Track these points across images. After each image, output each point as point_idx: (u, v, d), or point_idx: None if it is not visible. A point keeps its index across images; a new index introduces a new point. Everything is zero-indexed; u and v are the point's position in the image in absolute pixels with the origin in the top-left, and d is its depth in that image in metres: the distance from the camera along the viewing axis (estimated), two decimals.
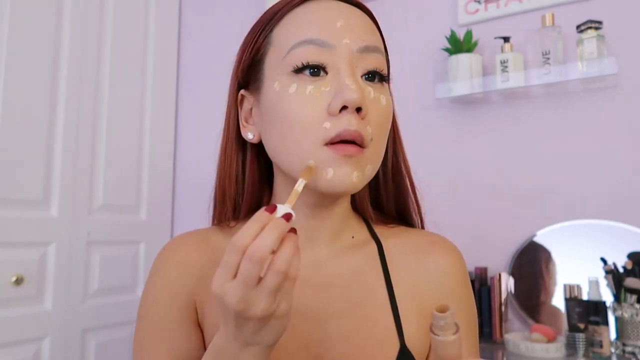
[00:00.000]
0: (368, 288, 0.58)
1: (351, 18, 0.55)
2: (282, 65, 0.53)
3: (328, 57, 0.52)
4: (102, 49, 1.82)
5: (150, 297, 0.60)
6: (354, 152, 0.51)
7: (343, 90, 0.50)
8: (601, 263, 1.32)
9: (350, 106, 0.50)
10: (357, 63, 0.53)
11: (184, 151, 2.12)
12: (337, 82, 0.52)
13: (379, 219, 0.65)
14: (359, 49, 0.53)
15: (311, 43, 0.52)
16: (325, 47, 0.52)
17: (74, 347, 1.64)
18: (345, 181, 0.51)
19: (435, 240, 0.62)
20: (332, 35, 0.53)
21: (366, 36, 0.55)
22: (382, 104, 0.55)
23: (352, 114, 0.51)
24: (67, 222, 1.66)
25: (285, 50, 0.53)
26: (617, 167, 1.39)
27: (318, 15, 0.54)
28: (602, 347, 1.23)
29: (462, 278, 0.61)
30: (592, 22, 1.34)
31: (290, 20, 0.55)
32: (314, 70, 0.52)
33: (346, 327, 0.55)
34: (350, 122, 0.50)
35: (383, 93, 0.56)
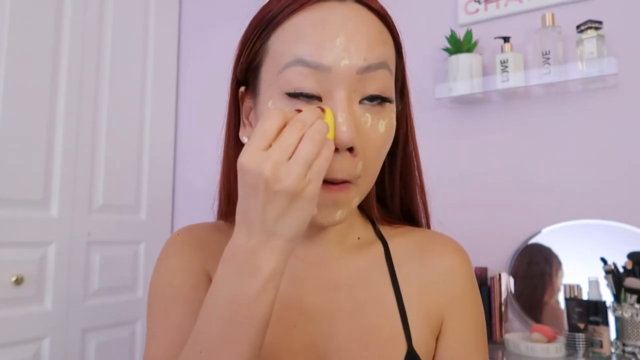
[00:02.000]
0: (374, 289, 0.58)
1: (355, 29, 0.50)
2: (276, 83, 0.50)
3: (323, 82, 0.49)
4: (102, 49, 1.82)
5: (163, 275, 0.59)
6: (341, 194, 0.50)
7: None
8: (601, 263, 1.32)
9: (340, 148, 0.48)
10: (355, 86, 0.49)
11: (184, 151, 2.12)
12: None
13: (384, 218, 0.64)
14: (359, 69, 0.49)
15: (305, 65, 0.48)
16: (320, 70, 0.48)
17: (74, 347, 1.64)
18: (329, 219, 0.51)
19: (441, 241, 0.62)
20: (328, 55, 0.48)
21: (370, 51, 0.50)
22: (379, 131, 0.51)
23: (342, 155, 0.49)
24: (67, 222, 1.66)
25: (280, 66, 0.50)
26: (617, 167, 1.39)
27: (316, 28, 0.49)
28: (602, 347, 1.23)
29: (469, 278, 0.60)
30: (592, 22, 1.34)
31: (287, 30, 0.51)
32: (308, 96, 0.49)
33: (353, 327, 0.55)
34: (340, 168, 0.49)
35: (383, 116, 0.52)
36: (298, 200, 0.42)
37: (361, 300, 0.57)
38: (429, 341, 0.57)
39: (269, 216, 0.42)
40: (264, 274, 0.43)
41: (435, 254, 0.60)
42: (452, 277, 0.59)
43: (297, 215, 0.43)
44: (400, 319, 0.56)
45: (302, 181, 0.41)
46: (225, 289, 0.44)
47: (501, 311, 1.39)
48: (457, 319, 0.58)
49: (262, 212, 0.42)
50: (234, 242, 0.44)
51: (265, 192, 0.41)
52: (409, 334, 0.55)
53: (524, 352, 1.26)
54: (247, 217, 0.43)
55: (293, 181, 0.41)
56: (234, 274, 0.44)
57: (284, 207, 0.42)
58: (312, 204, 0.43)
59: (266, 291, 0.43)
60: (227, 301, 0.44)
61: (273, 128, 0.42)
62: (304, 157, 0.41)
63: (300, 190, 0.41)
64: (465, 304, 0.59)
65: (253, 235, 0.43)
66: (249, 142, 0.42)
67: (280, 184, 0.41)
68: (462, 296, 0.59)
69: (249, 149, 0.42)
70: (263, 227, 0.43)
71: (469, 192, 1.57)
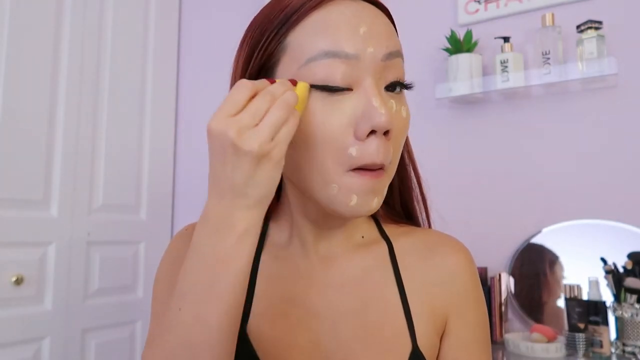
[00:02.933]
0: (379, 288, 0.58)
1: (373, 21, 0.51)
2: (299, 76, 0.50)
3: (352, 71, 0.49)
4: (102, 49, 1.82)
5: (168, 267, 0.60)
6: (377, 181, 0.51)
7: (372, 113, 0.48)
8: (601, 263, 1.32)
9: (379, 131, 0.49)
10: (380, 74, 0.51)
11: (184, 151, 2.12)
12: (364, 101, 0.49)
13: (388, 217, 0.65)
14: (383, 56, 0.50)
15: (334, 56, 0.49)
16: (349, 59, 0.49)
17: (74, 347, 1.64)
18: (366, 208, 0.51)
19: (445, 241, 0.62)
20: (355, 44, 0.49)
21: (389, 41, 0.52)
22: (403, 116, 0.53)
23: (380, 138, 0.49)
24: (67, 222, 1.66)
25: (303, 59, 0.50)
26: (617, 167, 1.39)
27: (339, 21, 0.50)
28: (602, 347, 1.23)
29: (472, 278, 0.60)
30: (592, 22, 1.34)
31: (308, 25, 0.50)
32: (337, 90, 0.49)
33: (357, 326, 0.55)
34: (378, 151, 0.49)
35: (403, 104, 0.54)
36: (265, 162, 0.44)
37: (365, 298, 0.57)
38: (433, 340, 0.57)
39: (237, 178, 0.44)
40: (237, 230, 0.45)
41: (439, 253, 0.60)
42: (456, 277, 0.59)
43: (265, 176, 0.44)
44: (405, 318, 0.56)
45: (269, 144, 0.43)
46: (201, 247, 0.46)
47: (501, 311, 1.39)
48: (461, 319, 0.58)
49: (231, 174, 0.44)
50: (208, 206, 0.46)
51: (233, 155, 0.43)
52: (413, 332, 0.55)
53: (524, 352, 1.26)
54: (217, 180, 0.45)
55: (259, 144, 0.42)
56: (209, 233, 0.46)
57: (251, 169, 0.43)
58: (279, 166, 0.45)
59: (241, 245, 0.45)
60: (204, 258, 0.45)
61: (243, 97, 0.44)
62: (272, 122, 0.43)
63: (266, 152, 0.43)
64: (469, 303, 0.59)
65: (224, 198, 0.45)
66: (217, 109, 0.44)
67: (246, 147, 0.42)
68: (466, 296, 0.59)
69: (217, 114, 0.44)
70: (232, 189, 0.44)
71: (469, 192, 1.57)
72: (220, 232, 0.45)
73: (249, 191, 0.44)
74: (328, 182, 0.50)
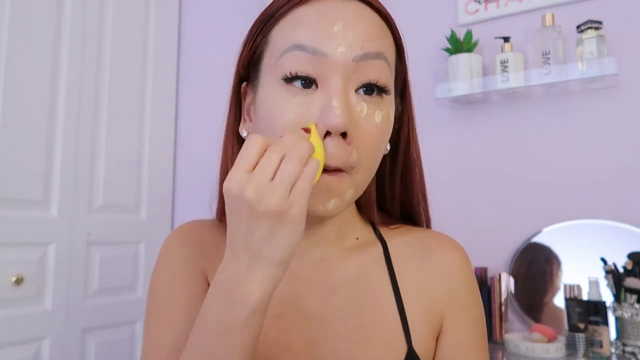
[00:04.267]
0: (374, 289, 0.57)
1: (354, 20, 0.50)
2: (274, 70, 0.51)
3: (319, 68, 0.49)
4: (102, 49, 1.82)
5: (164, 274, 0.59)
6: (335, 181, 0.49)
7: (327, 113, 0.47)
8: (601, 263, 1.32)
9: (333, 132, 0.48)
10: (351, 74, 0.49)
11: (184, 151, 2.12)
12: (324, 101, 0.49)
13: (384, 221, 0.64)
14: (355, 57, 0.49)
15: (302, 50, 0.49)
16: (317, 55, 0.49)
17: (74, 347, 1.64)
18: (320, 208, 0.50)
19: (441, 240, 0.62)
20: (325, 41, 0.49)
21: (367, 42, 0.50)
22: (375, 122, 0.51)
23: (336, 140, 0.48)
24: (67, 222, 1.66)
25: (278, 53, 0.51)
26: (617, 166, 1.39)
27: (315, 18, 0.50)
28: (602, 347, 1.23)
29: (468, 278, 0.60)
30: (592, 22, 1.34)
31: (288, 21, 0.51)
32: (304, 81, 0.49)
33: (352, 328, 0.55)
34: (332, 154, 0.48)
35: (380, 108, 0.51)
36: (283, 221, 0.41)
37: (360, 300, 0.56)
38: (429, 341, 0.56)
39: (254, 240, 0.41)
40: (251, 302, 0.42)
41: (434, 253, 0.60)
42: (452, 277, 0.59)
43: (284, 238, 0.41)
44: (400, 319, 0.55)
45: (286, 201, 0.41)
46: (212, 315, 0.44)
47: (501, 311, 1.39)
48: (458, 319, 0.58)
49: (246, 235, 0.42)
50: (223, 266, 0.44)
51: (249, 215, 0.41)
52: (408, 334, 0.55)
53: (524, 352, 1.26)
54: (234, 241, 0.43)
55: (276, 202, 0.40)
56: (221, 299, 0.43)
57: (269, 230, 0.41)
58: (298, 226, 0.42)
59: (252, 321, 0.43)
60: (214, 328, 0.43)
61: (255, 151, 0.42)
62: (285, 176, 0.41)
63: (284, 211, 0.41)
64: (465, 303, 0.59)
65: (240, 260, 0.42)
66: (233, 167, 0.42)
67: (263, 206, 0.40)
68: (462, 295, 0.59)
69: (232, 172, 0.42)
70: (249, 252, 0.42)
71: (469, 192, 1.57)
72: (232, 301, 0.42)
73: (267, 254, 0.42)
74: None
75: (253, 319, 0.43)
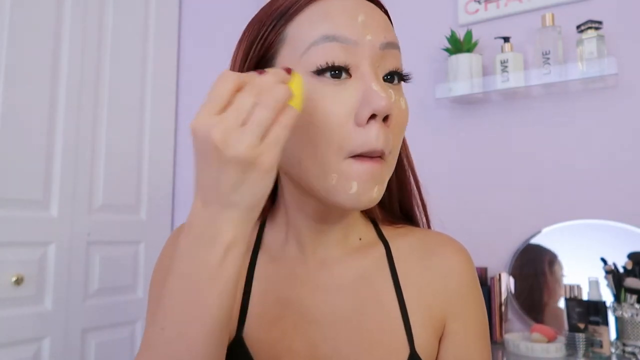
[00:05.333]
0: (376, 291, 0.57)
1: (371, 12, 0.52)
2: (300, 64, 0.49)
3: (351, 57, 0.49)
4: (102, 49, 1.82)
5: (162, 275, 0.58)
6: (378, 167, 0.49)
7: (371, 97, 0.47)
8: (601, 263, 1.32)
9: (379, 115, 0.48)
10: (379, 62, 0.51)
11: (184, 151, 2.12)
12: (363, 87, 0.49)
13: (386, 219, 0.64)
14: (381, 45, 0.50)
15: (334, 40, 0.49)
16: (348, 44, 0.49)
17: (74, 347, 1.64)
18: (366, 196, 0.49)
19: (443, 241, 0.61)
20: (354, 31, 0.49)
21: (386, 32, 0.52)
22: (402, 107, 0.52)
23: (380, 124, 0.48)
24: (67, 222, 1.66)
25: (303, 47, 0.49)
26: (617, 167, 1.39)
27: (338, 9, 0.50)
28: (602, 347, 1.23)
29: (471, 279, 0.60)
30: (592, 22, 1.34)
31: (307, 16, 0.51)
32: (336, 72, 0.49)
33: (354, 330, 0.54)
34: (378, 137, 0.48)
35: (402, 95, 0.53)
36: (252, 169, 0.39)
37: (363, 302, 0.56)
38: (432, 343, 0.56)
39: (223, 185, 0.40)
40: (222, 243, 0.41)
41: (437, 254, 0.60)
42: (455, 278, 0.59)
43: (253, 185, 0.40)
44: (402, 321, 0.55)
45: (256, 149, 0.39)
46: (185, 260, 0.43)
47: (501, 311, 1.39)
48: (460, 320, 0.57)
49: (216, 180, 0.40)
50: (192, 212, 0.43)
51: (217, 160, 0.39)
52: (411, 336, 0.54)
53: (524, 352, 1.26)
54: (202, 184, 0.41)
55: (244, 149, 0.38)
56: (193, 244, 0.42)
57: (237, 177, 0.40)
58: (267, 175, 0.40)
59: (226, 261, 0.42)
60: (188, 274, 0.42)
61: (226, 91, 0.40)
62: (257, 122, 0.39)
63: (253, 159, 0.39)
64: (467, 304, 0.58)
65: (209, 204, 0.41)
66: (201, 105, 0.40)
67: (231, 151, 0.38)
68: (465, 297, 0.58)
69: (200, 112, 0.40)
70: (218, 196, 0.41)
71: (469, 192, 1.57)
72: (203, 245, 0.42)
73: (236, 199, 0.41)
74: (327, 172, 0.49)
75: (229, 257, 0.42)
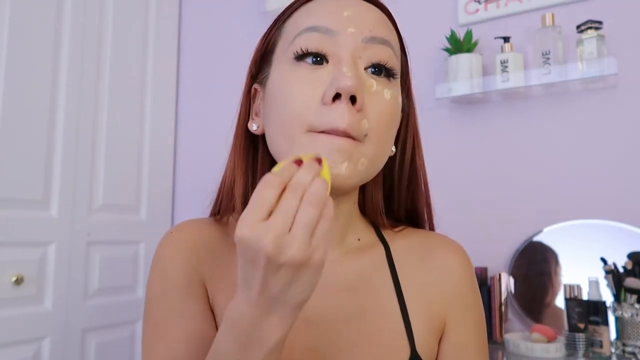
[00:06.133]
0: (376, 292, 0.57)
1: (362, 11, 0.54)
2: (286, 53, 0.53)
3: (330, 46, 0.51)
4: (102, 49, 1.82)
5: (160, 278, 0.57)
6: (346, 144, 0.48)
7: (338, 77, 0.49)
8: (601, 263, 1.32)
9: (343, 94, 0.48)
10: (361, 53, 0.52)
11: (184, 151, 2.12)
12: (335, 71, 0.50)
13: (388, 223, 0.63)
14: (364, 38, 0.52)
15: (314, 30, 0.52)
16: (329, 35, 0.51)
17: (74, 347, 1.64)
18: (333, 170, 0.48)
19: (442, 242, 0.62)
20: (336, 23, 0.52)
21: (375, 28, 0.53)
22: (385, 98, 0.52)
23: (346, 104, 0.48)
24: (67, 222, 1.66)
25: (291, 38, 0.53)
26: (617, 167, 1.39)
27: (327, 6, 0.54)
28: (602, 347, 1.23)
29: (470, 279, 0.60)
30: (592, 22, 1.34)
31: (300, 13, 0.55)
32: (315, 58, 0.51)
33: (355, 332, 0.54)
34: (342, 116, 0.48)
35: (389, 88, 0.53)
36: (305, 269, 0.39)
37: (363, 303, 0.56)
38: (432, 344, 0.56)
39: (272, 287, 0.39)
40: (268, 345, 0.40)
41: (436, 255, 0.60)
42: (453, 279, 0.59)
43: (304, 284, 0.39)
44: (403, 322, 0.55)
45: (307, 250, 0.38)
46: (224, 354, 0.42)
47: (501, 311, 1.39)
48: (459, 321, 0.58)
49: (263, 284, 0.39)
50: (236, 308, 0.41)
51: (267, 266, 0.38)
52: (411, 337, 0.54)
53: (524, 352, 1.26)
54: (249, 286, 0.40)
55: (297, 252, 0.37)
56: (236, 343, 0.41)
57: (289, 278, 0.39)
58: (318, 272, 0.40)
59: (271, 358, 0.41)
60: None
61: (272, 197, 0.39)
62: (305, 223, 0.38)
63: (306, 260, 0.38)
64: (466, 305, 0.59)
65: (255, 305, 0.40)
66: (246, 211, 0.38)
67: (284, 257, 0.37)
68: (464, 297, 0.59)
69: (247, 219, 0.38)
70: (266, 298, 0.39)
71: (469, 192, 1.57)
72: (248, 345, 0.40)
73: (287, 299, 0.39)
74: (292, 145, 0.50)
75: (274, 354, 0.41)
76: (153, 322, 0.55)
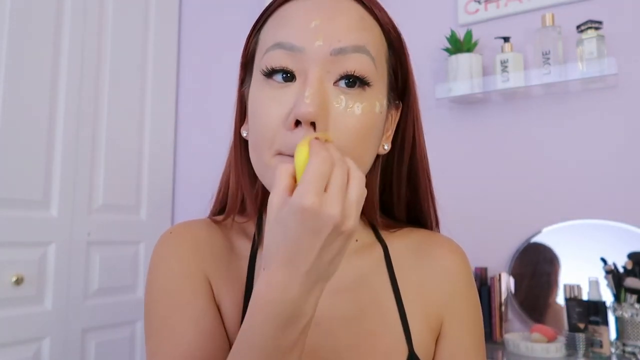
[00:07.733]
0: (375, 292, 0.57)
1: (334, 14, 0.50)
2: (259, 66, 0.52)
3: (297, 63, 0.49)
4: (102, 49, 1.82)
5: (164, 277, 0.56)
6: None
7: (298, 103, 0.47)
8: (601, 263, 1.32)
9: (303, 121, 0.47)
10: (329, 67, 0.49)
11: (184, 151, 2.12)
12: (299, 92, 0.49)
13: (386, 223, 0.63)
14: (333, 51, 0.49)
15: (280, 47, 0.50)
16: (294, 51, 0.49)
17: (74, 347, 1.64)
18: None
19: (440, 242, 0.62)
20: (302, 37, 0.49)
21: (346, 35, 0.50)
22: (355, 114, 0.50)
23: (307, 130, 0.47)
24: (67, 222, 1.66)
25: (263, 52, 0.52)
26: (617, 167, 1.39)
27: (294, 15, 0.51)
28: (602, 347, 1.23)
29: (467, 279, 0.60)
30: (592, 22, 1.34)
31: (271, 22, 0.54)
32: (286, 74, 0.50)
33: (354, 333, 0.54)
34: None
35: (361, 100, 0.50)
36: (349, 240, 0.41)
37: (362, 304, 0.56)
38: (429, 344, 0.56)
39: (325, 258, 0.41)
40: (302, 324, 0.41)
41: (433, 255, 0.60)
42: (451, 278, 0.59)
43: (342, 253, 0.42)
44: (401, 322, 0.55)
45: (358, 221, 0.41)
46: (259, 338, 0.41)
47: (501, 311, 1.39)
48: (457, 321, 0.58)
49: (319, 256, 0.40)
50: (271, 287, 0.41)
51: (331, 234, 0.40)
52: (409, 337, 0.55)
53: (524, 352, 1.26)
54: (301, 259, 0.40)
55: (354, 222, 0.40)
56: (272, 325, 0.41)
57: (339, 248, 0.41)
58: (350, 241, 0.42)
59: (301, 340, 0.42)
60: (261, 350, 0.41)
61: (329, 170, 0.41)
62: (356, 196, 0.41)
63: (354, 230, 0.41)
64: (464, 305, 0.59)
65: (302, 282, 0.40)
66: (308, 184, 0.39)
67: (345, 226, 0.40)
68: (461, 297, 0.59)
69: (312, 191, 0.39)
70: (315, 270, 0.41)
71: (468, 192, 1.57)
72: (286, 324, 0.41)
73: (329, 272, 0.42)
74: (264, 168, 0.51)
75: (302, 338, 0.42)
76: (158, 323, 0.54)
